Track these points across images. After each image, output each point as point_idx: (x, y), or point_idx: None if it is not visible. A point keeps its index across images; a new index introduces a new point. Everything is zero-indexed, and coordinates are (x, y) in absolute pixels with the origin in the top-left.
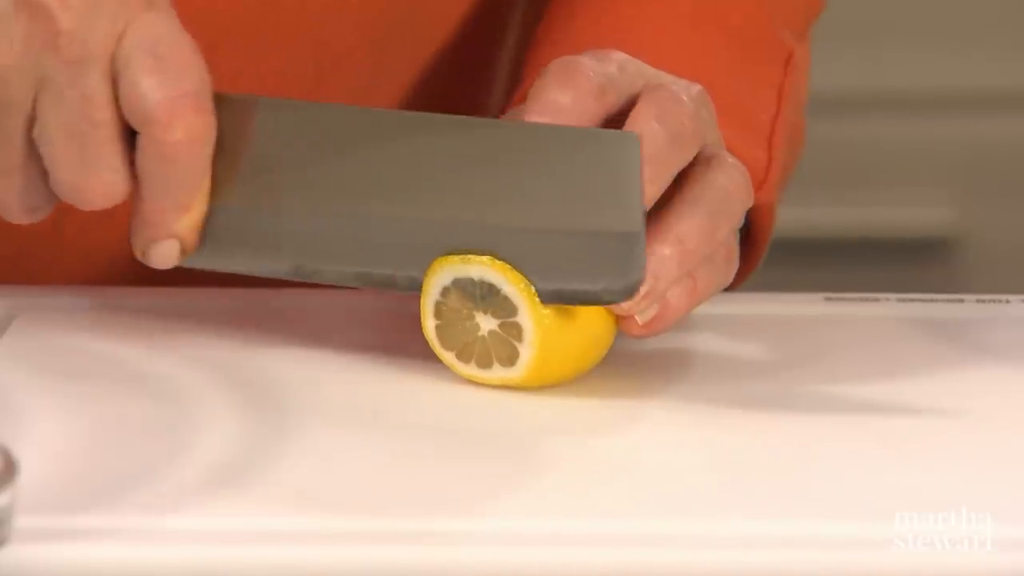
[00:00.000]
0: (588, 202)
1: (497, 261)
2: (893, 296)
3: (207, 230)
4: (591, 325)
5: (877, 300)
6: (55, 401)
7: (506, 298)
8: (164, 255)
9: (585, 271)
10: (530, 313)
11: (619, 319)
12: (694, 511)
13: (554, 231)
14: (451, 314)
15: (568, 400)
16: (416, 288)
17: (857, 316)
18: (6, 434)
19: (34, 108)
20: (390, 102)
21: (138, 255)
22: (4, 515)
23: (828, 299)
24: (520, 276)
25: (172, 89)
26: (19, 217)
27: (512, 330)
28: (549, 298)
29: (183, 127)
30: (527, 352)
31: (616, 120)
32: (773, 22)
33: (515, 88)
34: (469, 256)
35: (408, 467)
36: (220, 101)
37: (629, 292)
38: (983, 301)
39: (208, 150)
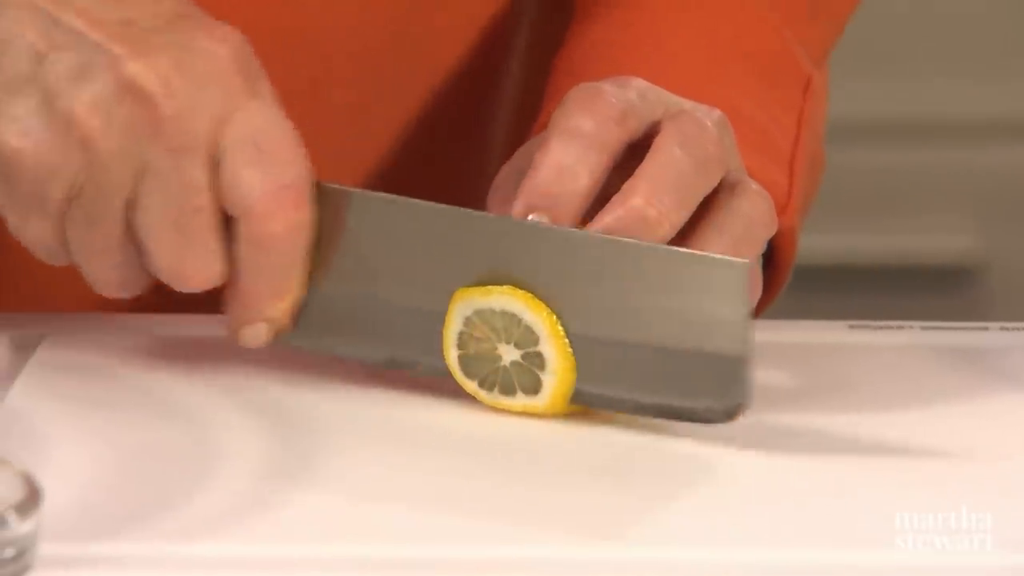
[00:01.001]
0: (695, 323)
1: (519, 290)
2: (917, 324)
3: (302, 313)
4: None
5: (901, 328)
6: (79, 428)
7: (528, 327)
8: (256, 337)
9: (687, 389)
10: (553, 342)
11: None
12: (717, 537)
13: (660, 348)
14: (473, 344)
15: (591, 427)
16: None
17: (881, 344)
18: (30, 460)
19: (134, 191)
20: (387, 123)
21: (230, 335)
22: (28, 542)
23: (852, 327)
24: (542, 305)
25: (273, 182)
26: (113, 292)
27: (535, 359)
28: (651, 412)
29: (282, 220)
30: (550, 380)
31: (638, 146)
32: (791, 48)
33: (522, 114)
34: (491, 288)
35: (432, 495)
36: (319, 191)
37: (731, 415)
38: (1007, 329)
39: (305, 241)
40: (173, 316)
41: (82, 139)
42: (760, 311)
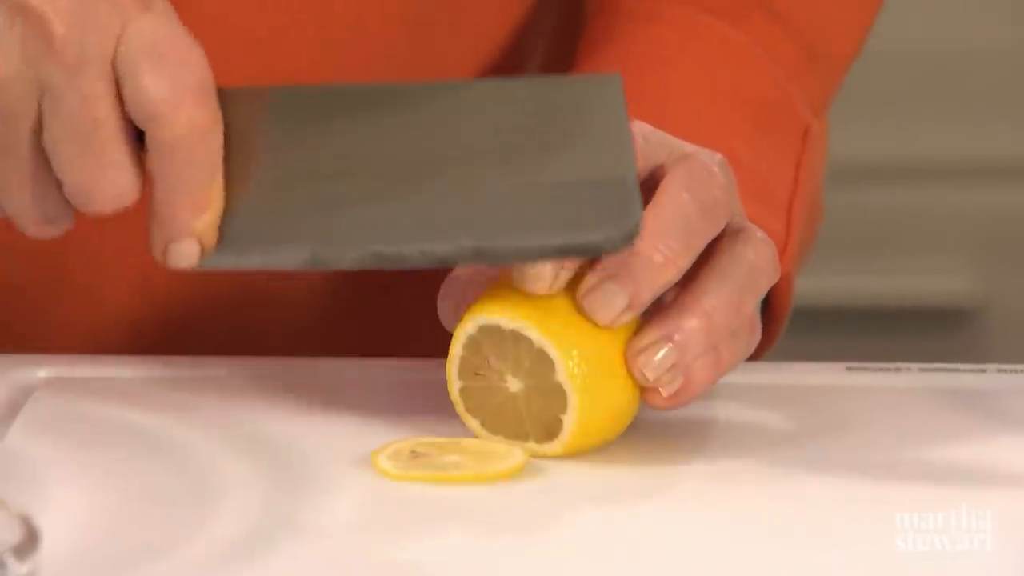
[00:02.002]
0: (577, 150)
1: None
2: (915, 366)
3: (224, 229)
4: (615, 396)
5: (899, 370)
6: (77, 469)
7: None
8: (184, 255)
9: (583, 223)
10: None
11: (643, 391)
12: (714, 571)
13: (549, 186)
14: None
15: (592, 469)
16: (428, 262)
17: (879, 386)
18: (28, 502)
19: (38, 116)
20: None
21: (158, 258)
22: None
23: (850, 368)
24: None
25: (173, 85)
26: (36, 230)
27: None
28: (553, 253)
29: (187, 120)
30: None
31: (644, 189)
32: (790, 97)
33: None
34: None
35: (431, 537)
36: (225, 96)
37: (628, 238)
38: (1005, 371)
39: (216, 143)
40: (171, 357)
41: None
42: (758, 356)
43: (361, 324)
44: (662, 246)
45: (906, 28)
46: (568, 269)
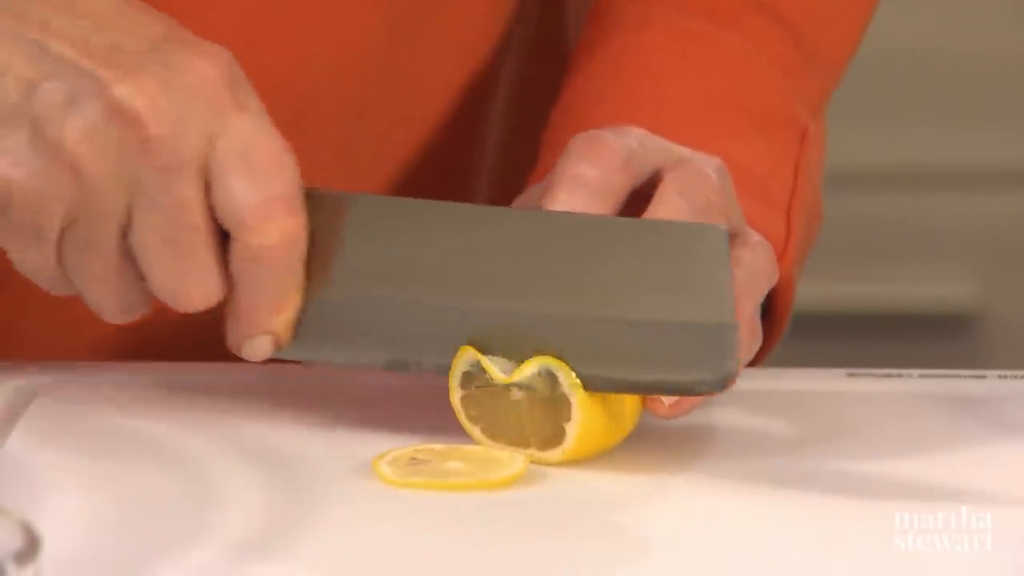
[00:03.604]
0: (679, 293)
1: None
2: (915, 372)
3: (301, 323)
4: (617, 404)
5: (900, 376)
6: (77, 476)
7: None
8: (258, 349)
9: (678, 363)
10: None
11: (645, 399)
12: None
13: (647, 323)
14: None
15: (593, 475)
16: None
17: (880, 392)
18: (28, 509)
19: (128, 215)
20: (371, 162)
21: (232, 349)
22: None
23: (851, 375)
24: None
25: (263, 193)
26: (113, 317)
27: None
28: (643, 389)
29: (276, 231)
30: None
31: (640, 194)
32: (787, 98)
33: (506, 156)
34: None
35: (432, 543)
36: (310, 198)
37: (723, 384)
38: (1005, 377)
39: (301, 251)
40: (172, 364)
41: (73, 166)
42: (759, 360)
43: None
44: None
45: (908, 34)
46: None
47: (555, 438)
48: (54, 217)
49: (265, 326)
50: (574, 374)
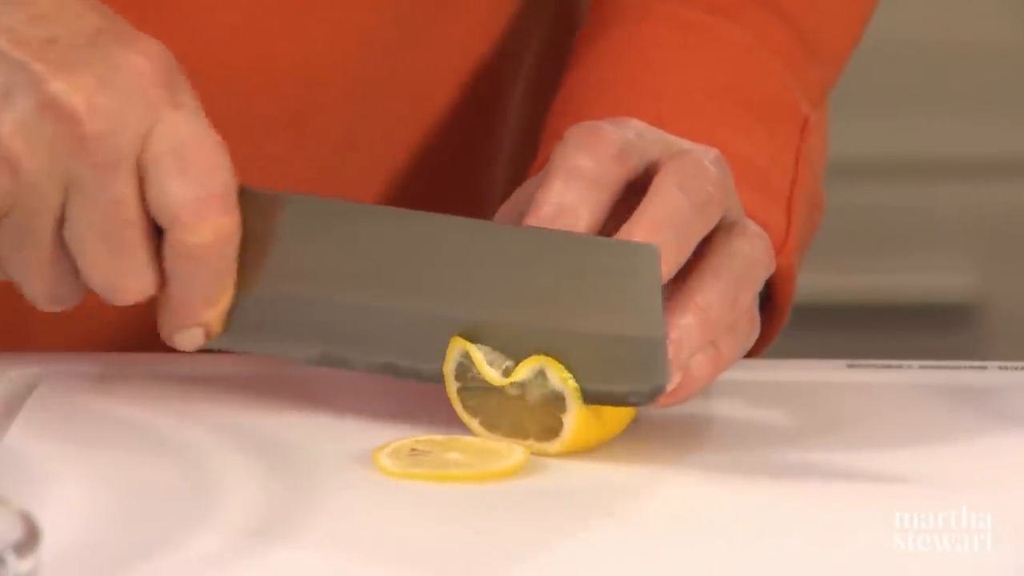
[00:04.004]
0: (611, 308)
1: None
2: (916, 363)
3: (233, 315)
4: None
5: (899, 367)
6: (77, 467)
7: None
8: (190, 340)
9: (612, 374)
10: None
11: None
12: (716, 568)
13: (583, 335)
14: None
15: (592, 466)
16: (440, 379)
17: (879, 383)
18: (28, 499)
19: (62, 209)
20: (375, 156)
21: (164, 337)
22: None
23: (850, 366)
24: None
25: (198, 191)
26: (45, 306)
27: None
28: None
29: (210, 228)
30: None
31: (636, 184)
32: (788, 88)
33: (521, 150)
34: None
35: (431, 532)
36: (245, 196)
37: (653, 395)
38: (1005, 368)
39: (234, 248)
40: (172, 355)
41: (7, 160)
42: (759, 350)
43: None
44: (656, 242)
45: (909, 25)
46: None
47: (553, 430)
48: None
49: (197, 319)
50: (566, 372)
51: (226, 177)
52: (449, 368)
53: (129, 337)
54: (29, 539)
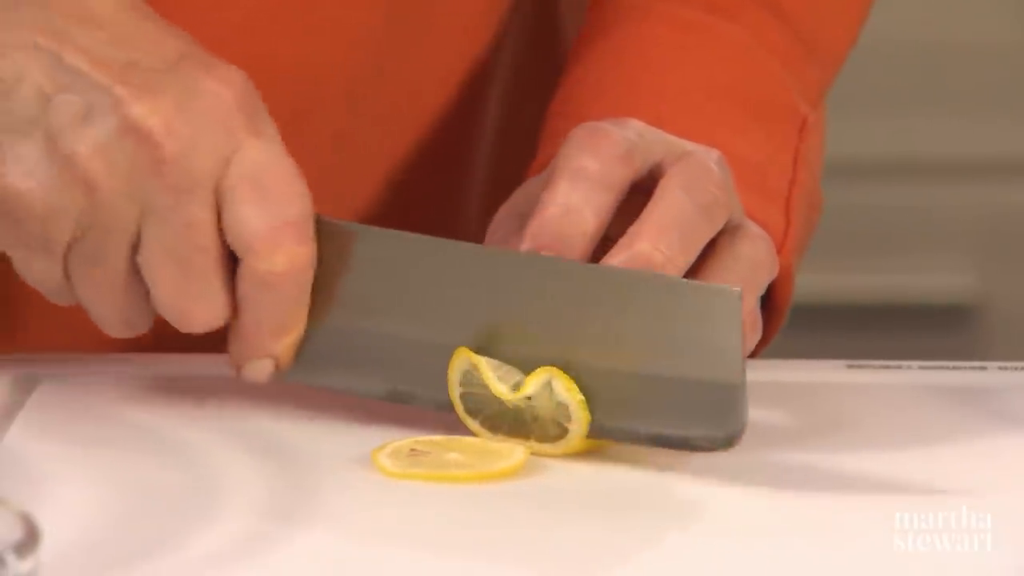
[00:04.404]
0: (690, 351)
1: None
2: (915, 363)
3: (304, 348)
4: None
5: (899, 367)
6: (78, 467)
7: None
8: (260, 372)
9: (687, 418)
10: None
11: None
12: (717, 570)
13: (654, 377)
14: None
15: (592, 467)
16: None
17: (879, 383)
18: (29, 500)
19: (138, 232)
20: (369, 154)
21: (233, 368)
22: None
23: (850, 366)
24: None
25: (274, 219)
26: (114, 331)
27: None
28: (649, 441)
29: (285, 258)
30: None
31: (641, 187)
32: (786, 89)
33: (503, 148)
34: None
35: (431, 532)
36: (321, 226)
37: (729, 442)
38: (1005, 368)
39: (308, 279)
40: (172, 355)
41: (85, 181)
42: (758, 352)
43: None
44: (662, 246)
45: (907, 24)
46: None
47: (555, 436)
48: (63, 229)
49: (268, 350)
50: (572, 384)
51: (303, 206)
52: (454, 376)
53: (133, 338)
54: (29, 539)
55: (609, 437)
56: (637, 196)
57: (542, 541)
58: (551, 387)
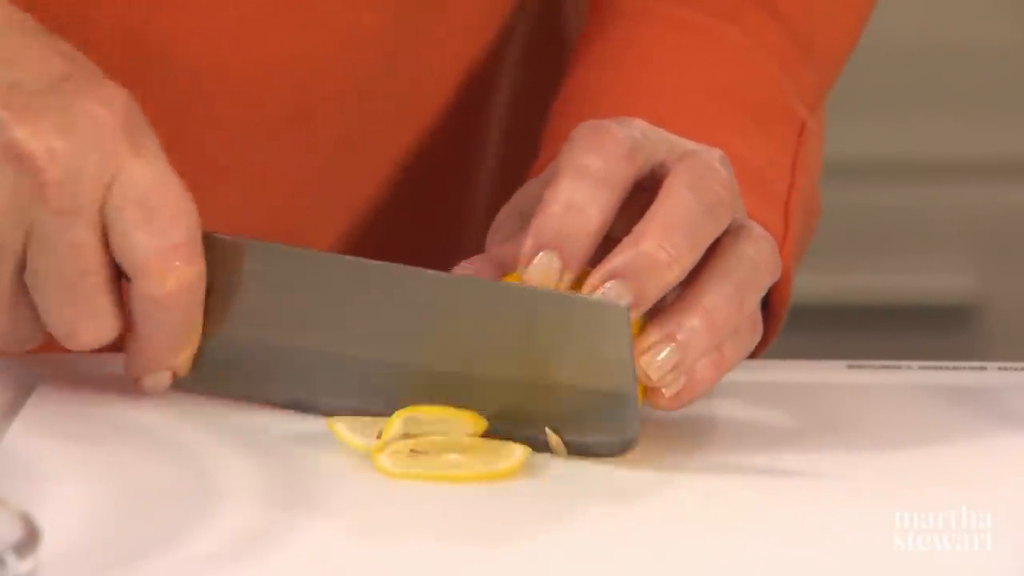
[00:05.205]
0: (583, 362)
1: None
2: (916, 364)
3: (201, 358)
4: None
5: (899, 368)
6: (77, 467)
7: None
8: (158, 383)
9: (583, 425)
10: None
11: (646, 391)
12: (718, 567)
13: (554, 386)
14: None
15: (592, 467)
16: None
17: (879, 384)
18: (28, 500)
19: (23, 253)
20: (372, 158)
21: (131, 380)
22: None
23: (851, 367)
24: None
25: (162, 241)
26: (7, 347)
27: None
28: (544, 447)
29: (175, 278)
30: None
31: (644, 185)
32: (785, 93)
33: (508, 151)
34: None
35: (431, 532)
36: (210, 242)
37: (624, 448)
38: (1005, 369)
39: (199, 296)
40: None
41: None
42: (758, 353)
43: None
44: (667, 245)
45: (906, 25)
46: (571, 272)
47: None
48: None
49: (165, 363)
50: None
51: (190, 225)
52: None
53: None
54: (29, 539)
55: (518, 442)
56: (640, 195)
57: (542, 541)
58: (418, 419)
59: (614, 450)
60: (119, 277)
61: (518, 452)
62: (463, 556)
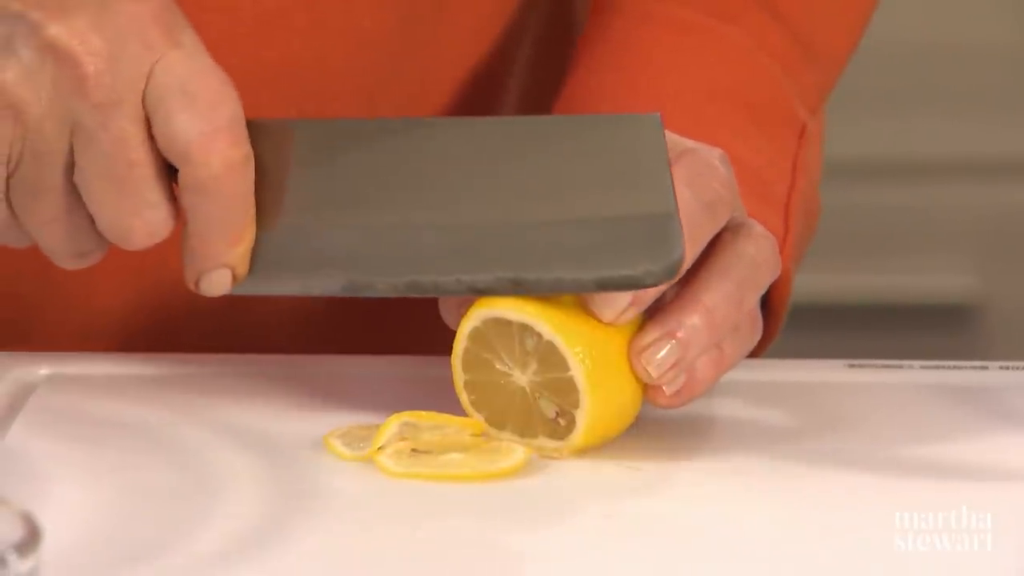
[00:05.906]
0: (618, 187)
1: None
2: (916, 363)
3: (257, 255)
4: (620, 394)
5: (900, 367)
6: (78, 466)
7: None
8: (217, 284)
9: (625, 257)
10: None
11: (646, 389)
12: (718, 559)
13: (588, 220)
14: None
15: (593, 465)
16: (463, 291)
17: (880, 383)
18: (29, 499)
19: (71, 154)
20: None
21: (190, 286)
22: None
23: (851, 366)
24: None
25: (205, 125)
26: (68, 263)
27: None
28: (596, 287)
29: (220, 161)
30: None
31: None
32: (786, 95)
33: None
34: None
35: (431, 532)
36: (254, 128)
37: (670, 273)
38: (1006, 368)
39: (249, 180)
40: (172, 355)
41: (12, 109)
42: (759, 352)
43: (361, 320)
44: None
45: (907, 25)
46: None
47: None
48: None
49: (221, 259)
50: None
51: (233, 109)
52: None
53: (130, 337)
54: (30, 539)
55: (555, 291)
56: None
57: (542, 541)
58: (416, 425)
59: (660, 278)
60: (169, 175)
61: (518, 452)
62: (463, 556)
